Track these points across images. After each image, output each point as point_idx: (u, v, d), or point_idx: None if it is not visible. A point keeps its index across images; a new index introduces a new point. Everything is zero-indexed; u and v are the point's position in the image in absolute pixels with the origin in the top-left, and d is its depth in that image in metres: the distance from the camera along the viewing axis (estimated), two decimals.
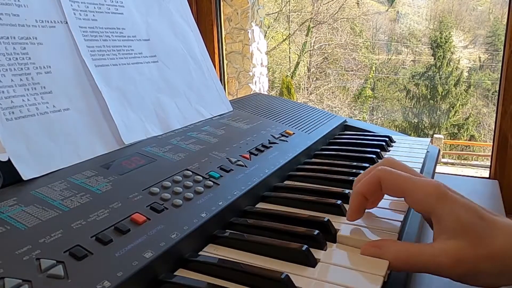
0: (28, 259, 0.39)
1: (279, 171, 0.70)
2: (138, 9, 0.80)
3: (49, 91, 0.61)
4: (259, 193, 0.64)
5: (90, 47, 0.69)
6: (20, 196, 0.48)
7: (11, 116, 0.55)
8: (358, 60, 13.48)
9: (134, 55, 0.76)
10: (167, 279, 0.43)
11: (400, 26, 13.68)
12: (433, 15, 13.47)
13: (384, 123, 12.80)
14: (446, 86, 12.31)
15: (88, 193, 0.51)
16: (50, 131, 0.58)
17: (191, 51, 0.90)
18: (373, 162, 0.78)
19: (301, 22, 13.31)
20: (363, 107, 13.30)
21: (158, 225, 0.47)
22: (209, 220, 0.51)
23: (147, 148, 0.66)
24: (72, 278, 0.38)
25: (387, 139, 0.90)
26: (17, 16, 0.60)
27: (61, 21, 0.66)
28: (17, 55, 0.58)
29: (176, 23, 0.88)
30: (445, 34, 12.60)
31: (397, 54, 13.57)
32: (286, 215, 0.57)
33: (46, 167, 0.55)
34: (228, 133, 0.78)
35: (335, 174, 0.71)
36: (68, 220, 0.45)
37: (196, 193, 0.55)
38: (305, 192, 0.65)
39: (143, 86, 0.75)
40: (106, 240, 0.43)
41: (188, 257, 0.47)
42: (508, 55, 1.86)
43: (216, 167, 0.64)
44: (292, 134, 0.85)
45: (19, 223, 0.43)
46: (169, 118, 0.77)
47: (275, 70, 13.29)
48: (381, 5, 13.83)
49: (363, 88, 13.31)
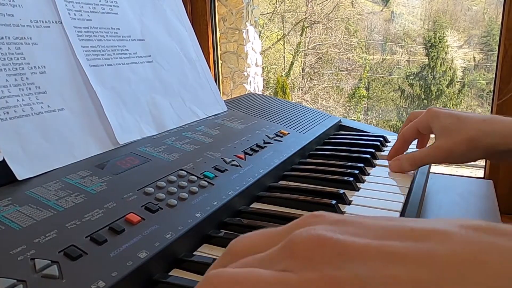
0: (23, 259, 0.39)
1: (274, 171, 0.70)
2: (132, 9, 0.80)
3: (44, 91, 0.61)
4: (254, 193, 0.64)
5: (85, 47, 0.69)
6: (15, 196, 0.48)
7: (6, 116, 0.55)
8: (352, 60, 13.48)
9: (129, 55, 0.76)
10: (161, 279, 0.43)
11: (395, 26, 13.70)
12: (427, 15, 13.49)
13: (378, 123, 12.80)
14: (440, 86, 12.34)
15: (83, 193, 0.51)
16: (45, 131, 0.58)
17: (186, 51, 0.90)
18: (368, 162, 0.78)
19: (296, 22, 13.30)
20: (357, 107, 13.30)
21: (152, 225, 0.48)
22: (204, 220, 0.51)
23: (141, 148, 0.66)
24: (66, 278, 0.38)
25: (381, 139, 0.91)
26: (12, 16, 0.60)
27: (55, 21, 0.66)
28: (11, 55, 0.58)
29: (171, 23, 0.88)
30: (439, 34, 12.62)
31: (391, 54, 13.58)
32: (280, 215, 0.57)
33: (40, 167, 0.55)
34: (223, 133, 0.78)
35: (329, 174, 0.71)
36: (62, 220, 0.45)
37: (190, 193, 0.56)
38: (299, 192, 0.65)
39: (138, 86, 0.75)
40: (100, 240, 0.43)
41: (183, 257, 0.47)
42: (502, 55, 1.87)
43: (210, 167, 0.64)
44: (287, 134, 0.85)
45: (13, 223, 0.43)
46: (163, 118, 0.77)
47: (269, 70, 13.28)
48: (375, 5, 13.84)
49: (358, 88, 13.31)
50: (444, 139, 0.68)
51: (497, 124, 0.65)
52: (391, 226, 0.24)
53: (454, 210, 0.74)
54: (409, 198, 0.65)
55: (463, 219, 0.23)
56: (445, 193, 0.80)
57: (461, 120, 0.67)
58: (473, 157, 0.67)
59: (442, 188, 0.82)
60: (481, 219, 0.24)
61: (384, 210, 0.59)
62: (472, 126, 0.66)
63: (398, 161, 0.74)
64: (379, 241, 0.22)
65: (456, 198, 0.78)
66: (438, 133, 0.70)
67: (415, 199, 0.65)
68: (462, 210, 0.74)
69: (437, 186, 0.82)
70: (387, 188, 0.67)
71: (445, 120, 0.69)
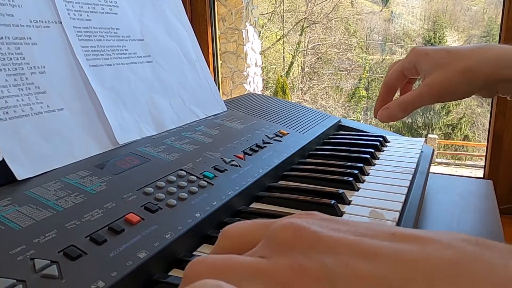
0: (22, 259, 0.39)
1: (274, 171, 0.70)
2: (132, 9, 0.80)
3: (44, 91, 0.61)
4: (254, 193, 0.64)
5: (84, 47, 0.69)
6: (14, 196, 0.48)
7: (5, 116, 0.55)
8: (352, 60, 13.49)
9: (128, 55, 0.76)
10: (161, 279, 0.43)
11: (394, 26, 13.71)
12: (427, 15, 13.50)
13: (378, 123, 12.80)
14: None
15: (83, 193, 0.51)
16: (45, 131, 0.58)
17: (185, 51, 0.90)
18: (367, 162, 0.78)
19: (295, 22, 13.32)
20: (357, 107, 13.32)
21: (152, 225, 0.48)
22: (203, 220, 0.51)
23: (141, 148, 0.66)
24: (66, 278, 0.38)
25: (381, 139, 0.91)
26: (11, 16, 0.60)
27: (55, 21, 0.66)
28: (11, 55, 0.58)
29: (170, 23, 0.88)
30: (439, 34, 12.63)
31: (391, 54, 13.59)
32: (280, 215, 0.57)
33: (40, 167, 0.55)
34: (223, 133, 0.78)
35: (329, 174, 0.71)
36: (62, 220, 0.45)
37: (190, 193, 0.56)
38: (299, 192, 0.65)
39: (137, 86, 0.75)
40: (100, 240, 0.43)
41: (183, 257, 0.47)
42: None
43: (210, 167, 0.64)
44: (287, 134, 0.85)
45: (13, 223, 0.43)
46: (163, 118, 0.77)
47: (269, 70, 13.29)
48: (375, 5, 13.85)
49: (357, 88, 13.33)
50: (435, 75, 0.60)
51: (496, 50, 0.59)
52: (376, 227, 0.23)
53: (454, 210, 0.74)
54: (408, 198, 0.65)
55: (457, 233, 0.22)
56: (444, 193, 0.80)
57: (453, 53, 0.60)
58: (470, 90, 0.59)
59: (442, 188, 0.82)
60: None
61: (384, 210, 0.59)
62: (467, 56, 0.59)
63: (387, 109, 0.65)
64: (355, 237, 0.22)
65: (455, 198, 0.78)
66: (428, 72, 0.61)
67: (414, 199, 0.65)
68: (462, 210, 0.74)
69: (436, 186, 0.82)
70: (387, 188, 0.67)
71: (435, 56, 0.61)
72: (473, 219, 0.66)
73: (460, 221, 0.71)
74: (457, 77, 0.58)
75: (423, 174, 0.76)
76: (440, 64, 0.60)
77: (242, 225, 0.28)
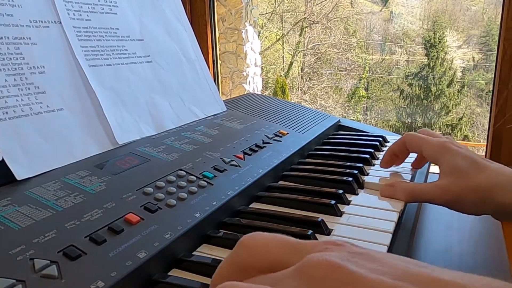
0: (22, 259, 0.39)
1: (273, 171, 0.70)
2: (132, 9, 0.80)
3: (43, 91, 0.61)
4: (253, 193, 0.64)
5: (84, 47, 0.69)
6: (14, 196, 0.48)
7: (5, 116, 0.55)
8: (351, 60, 13.49)
9: (128, 55, 0.76)
10: (161, 279, 0.43)
11: (394, 26, 13.71)
12: (427, 15, 13.50)
13: (377, 123, 12.81)
14: (439, 86, 12.35)
15: (82, 193, 0.51)
16: (44, 131, 0.58)
17: (185, 51, 0.90)
18: (367, 162, 0.78)
19: (295, 22, 13.31)
20: (356, 107, 13.32)
21: (152, 225, 0.48)
22: (203, 220, 0.51)
23: (141, 148, 0.66)
24: (66, 278, 0.38)
25: (380, 139, 0.91)
26: (11, 16, 0.60)
27: (55, 21, 0.66)
28: (11, 55, 0.58)
29: (170, 23, 0.88)
30: (439, 34, 12.63)
31: (390, 54, 13.59)
32: (280, 215, 0.57)
33: (40, 167, 0.55)
34: (222, 133, 0.78)
35: (329, 174, 0.71)
36: (62, 220, 0.45)
37: (190, 193, 0.56)
38: (299, 192, 0.65)
39: (137, 86, 0.75)
40: (100, 240, 0.43)
41: (182, 257, 0.47)
42: (502, 55, 1.87)
43: (210, 167, 0.64)
44: (286, 134, 0.85)
45: (12, 223, 0.43)
46: (163, 118, 0.77)
47: (268, 70, 13.29)
48: (375, 5, 13.85)
49: (357, 88, 13.33)
50: (452, 181, 0.58)
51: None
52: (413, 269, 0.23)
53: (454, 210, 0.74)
54: None
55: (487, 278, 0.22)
56: None
57: (477, 166, 0.58)
58: (479, 211, 0.59)
59: None
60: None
61: (384, 210, 0.59)
62: (489, 175, 0.57)
63: (392, 187, 0.64)
64: (394, 281, 0.22)
65: None
66: (446, 170, 0.60)
67: None
68: None
69: None
70: None
71: (460, 161, 0.59)
72: (473, 219, 0.66)
73: (460, 221, 0.71)
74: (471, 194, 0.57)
75: (423, 174, 0.76)
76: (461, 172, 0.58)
77: (263, 239, 0.28)
